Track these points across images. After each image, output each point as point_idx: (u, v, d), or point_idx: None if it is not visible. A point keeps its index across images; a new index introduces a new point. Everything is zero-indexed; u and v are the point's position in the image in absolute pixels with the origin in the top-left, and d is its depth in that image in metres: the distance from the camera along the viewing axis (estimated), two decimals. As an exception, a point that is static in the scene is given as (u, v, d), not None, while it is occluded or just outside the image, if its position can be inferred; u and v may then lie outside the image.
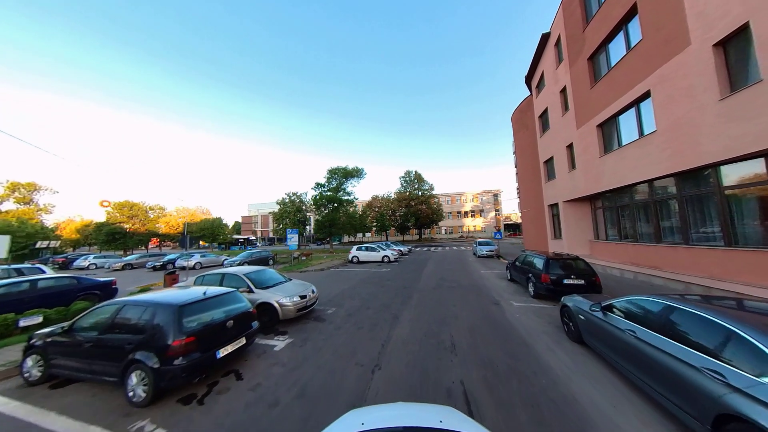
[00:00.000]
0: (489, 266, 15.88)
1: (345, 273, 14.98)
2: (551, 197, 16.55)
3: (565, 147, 14.23)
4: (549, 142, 16.39)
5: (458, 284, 10.81)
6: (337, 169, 35.04)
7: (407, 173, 56.40)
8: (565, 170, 14.40)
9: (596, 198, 13.04)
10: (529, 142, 20.99)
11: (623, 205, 10.82)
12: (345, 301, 8.81)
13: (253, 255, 19.93)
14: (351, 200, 35.01)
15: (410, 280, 11.98)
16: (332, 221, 32.00)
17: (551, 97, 15.56)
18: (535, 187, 20.24)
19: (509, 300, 8.26)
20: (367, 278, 13.01)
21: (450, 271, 14.46)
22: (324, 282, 12.38)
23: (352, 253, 20.01)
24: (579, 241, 14.20)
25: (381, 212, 50.03)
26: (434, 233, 63.78)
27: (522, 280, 9.45)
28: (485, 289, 9.90)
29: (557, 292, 7.54)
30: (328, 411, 3.31)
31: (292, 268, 16.86)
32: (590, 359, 4.42)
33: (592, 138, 11.70)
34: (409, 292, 9.64)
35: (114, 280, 9.31)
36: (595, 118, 11.45)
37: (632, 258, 10.09)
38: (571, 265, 7.87)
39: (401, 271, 14.84)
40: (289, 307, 6.36)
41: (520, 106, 22.25)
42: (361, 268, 16.70)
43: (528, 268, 8.99)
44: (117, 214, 37.25)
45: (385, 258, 19.11)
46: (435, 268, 15.55)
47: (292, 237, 17.55)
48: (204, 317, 4.02)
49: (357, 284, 11.54)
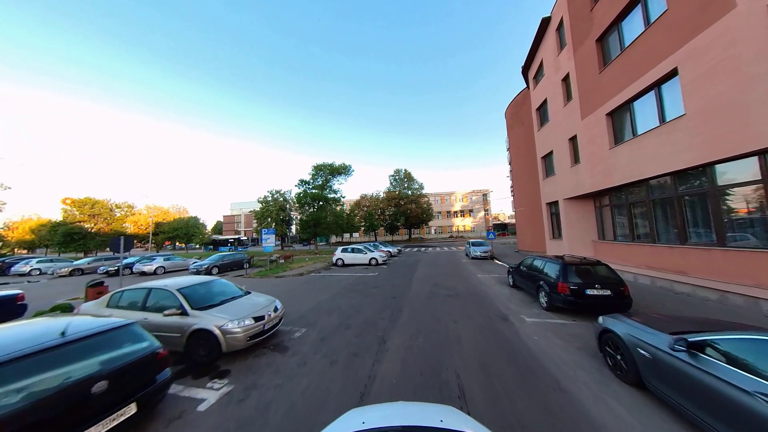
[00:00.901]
0: (485, 269, 14.62)
1: (326, 279, 13.28)
2: (550, 195, 15.51)
3: (567, 140, 13.15)
4: (548, 135, 15.34)
5: (455, 292, 9.38)
6: (323, 166, 33.15)
7: (397, 172, 55.10)
8: (567, 165, 13.33)
9: (601, 195, 11.99)
10: (524, 137, 20.00)
11: (637, 201, 9.73)
12: (320, 317, 7.15)
13: (225, 258, 17.83)
14: (338, 199, 33.23)
15: (400, 287, 10.46)
16: (317, 221, 30.08)
17: (551, 87, 14.48)
18: (531, 185, 19.27)
19: (518, 314, 6.88)
20: (351, 285, 11.38)
21: (444, 275, 13.06)
22: (300, 291, 10.65)
23: (337, 255, 18.30)
24: (581, 241, 13.15)
25: (369, 212, 48.37)
26: (424, 233, 62.78)
27: (529, 288, 8.13)
28: (487, 298, 8.51)
29: (578, 305, 6.22)
30: None
31: (267, 273, 14.97)
32: (666, 418, 3.02)
33: (601, 128, 10.59)
34: (399, 304, 8.10)
35: (21, 294, 7.18)
36: (604, 105, 10.33)
37: (648, 261, 9.00)
38: (592, 272, 6.58)
39: (390, 276, 13.30)
40: (236, 335, 4.66)
41: (515, 100, 21.27)
42: (345, 273, 15.04)
43: (537, 274, 7.67)
44: (76, 213, 33.60)
45: (373, 260, 17.53)
46: (427, 272, 14.11)
47: (268, 238, 15.64)
48: (44, 382, 2.29)
49: (338, 293, 9.89)
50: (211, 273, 16.35)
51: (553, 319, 6.40)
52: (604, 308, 6.15)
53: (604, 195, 11.89)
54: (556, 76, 13.83)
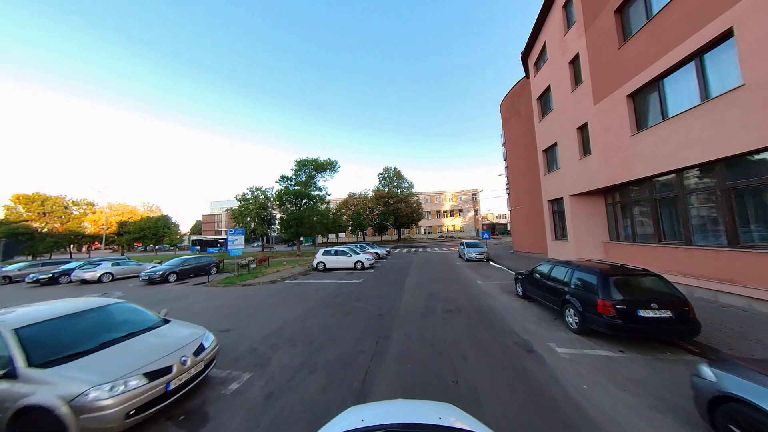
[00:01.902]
0: (484, 273, 13.06)
1: (302, 287, 11.27)
2: (553, 191, 14.16)
3: (576, 129, 11.77)
4: (551, 126, 13.97)
5: (455, 305, 7.67)
6: (306, 161, 30.90)
7: (386, 170, 53.40)
8: (575, 157, 11.96)
9: (614, 190, 10.66)
10: (522, 130, 18.69)
11: (666, 196, 8.37)
12: (278, 350, 5.22)
13: (187, 262, 15.40)
14: (322, 196, 31.04)
15: (388, 299, 8.64)
16: (300, 220, 27.79)
17: (556, 72, 13.10)
18: (529, 181, 17.97)
19: (543, 339, 5.23)
20: (330, 296, 9.46)
21: (439, 281, 11.35)
22: (265, 305, 8.63)
23: (318, 258, 16.27)
24: (589, 242, 11.82)
25: (357, 210, 46.39)
26: (413, 233, 61.40)
27: (548, 301, 6.52)
28: (496, 315, 6.84)
29: (628, 331, 4.62)
30: None
31: (234, 281, 12.77)
32: None
33: (619, 113, 9.19)
34: (387, 325, 6.29)
35: None
36: (624, 86, 8.93)
37: (682, 266, 7.62)
38: (643, 285, 5.02)
39: (377, 283, 11.46)
40: (103, 412, 2.69)
41: (512, 90, 19.96)
42: (326, 279, 13.07)
43: (561, 286, 6.07)
44: (22, 211, 29.53)
45: (358, 264, 15.63)
46: (420, 277, 12.38)
47: (235, 239, 13.43)
48: None
49: (312, 309, 7.95)
50: (167, 280, 13.96)
51: (592, 348, 4.78)
52: (662, 334, 4.61)
53: (617, 190, 10.56)
54: (563, 58, 12.44)
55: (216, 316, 7.59)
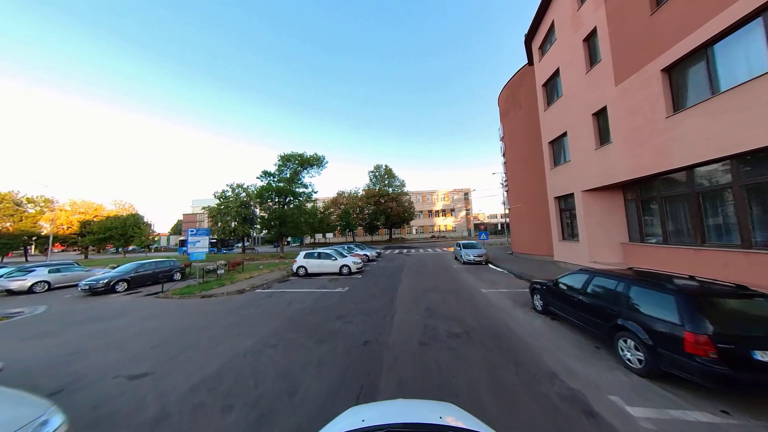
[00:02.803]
0: (486, 279, 11.50)
1: (272, 300, 9.35)
2: (560, 187, 12.77)
3: (591, 115, 10.37)
4: (560, 114, 12.58)
5: (463, 327, 5.98)
6: (291, 156, 28.70)
7: (377, 168, 51.68)
8: (589, 148, 10.56)
9: (637, 184, 9.31)
10: (523, 122, 17.33)
11: (714, 189, 6.97)
12: (198, 424, 3.36)
13: (142, 268, 13.09)
14: (308, 194, 28.93)
15: (377, 318, 6.88)
16: (283, 218, 25.62)
17: (567, 52, 11.70)
18: (531, 177, 16.62)
19: (600, 389, 3.59)
20: (304, 313, 7.60)
21: (437, 290, 9.68)
22: (217, 328, 6.69)
23: (298, 261, 14.31)
24: (605, 243, 10.46)
25: (347, 209, 44.42)
26: (405, 233, 59.90)
27: (588, 323, 4.92)
28: (520, 342, 5.19)
29: (740, 384, 3.04)
30: None
31: (194, 291, 10.69)
32: None
33: (652, 91, 7.78)
34: (374, 364, 4.51)
35: None
36: (659, 59, 7.51)
37: (736, 273, 6.20)
38: (751, 310, 3.47)
39: (364, 293, 9.68)
40: None
41: (512, 81, 18.60)
42: (304, 287, 11.18)
43: (609, 306, 4.47)
44: (-37, 208, 25.96)
45: (344, 268, 13.80)
46: (414, 285, 10.68)
47: (197, 241, 11.37)
48: None
49: (274, 335, 6.07)
50: (114, 290, 11.70)
51: (679, 407, 3.18)
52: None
53: (640, 184, 9.20)
54: (575, 36, 11.03)
55: (141, 347, 5.61)
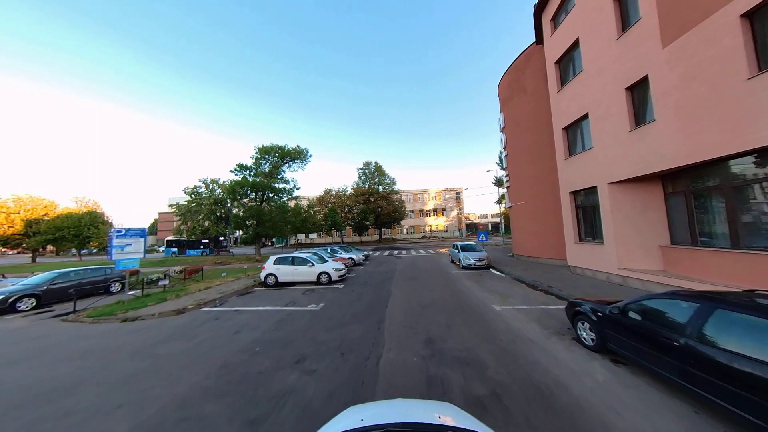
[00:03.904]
0: (492, 288, 9.45)
1: (216, 326, 6.88)
2: (579, 179, 10.89)
3: (624, 89, 8.49)
4: (578, 93, 10.69)
5: (487, 383, 3.79)
6: (270, 148, 26.04)
7: (366, 164, 49.42)
8: (619, 129, 8.69)
9: (686, 173, 7.47)
10: (528, 109, 15.48)
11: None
12: None
13: (61, 278, 10.24)
14: (290, 190, 26.28)
15: (355, 360, 4.61)
16: (259, 217, 22.90)
17: (589, 18, 9.81)
18: (537, 171, 14.79)
19: None
20: (245, 356, 5.20)
21: (438, 308, 7.48)
22: (96, 385, 4.23)
23: (268, 268, 11.82)
24: (638, 245, 8.63)
25: (333, 208, 41.86)
26: (395, 233, 57.83)
27: (714, 393, 2.82)
28: (584, 414, 3.05)
29: None
30: None
31: (116, 310, 8.05)
32: None
33: (723, 47, 5.89)
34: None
35: None
36: (735, 1, 5.63)
37: None
38: None
39: (343, 313, 7.38)
40: None
41: (514, 64, 16.72)
42: (266, 304, 8.75)
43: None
44: None
45: (323, 276, 11.44)
46: (408, 299, 8.47)
47: (126, 245, 8.75)
48: None
49: (176, 409, 3.68)
50: (15, 309, 8.91)
51: None
52: None
53: (688, 173, 7.36)
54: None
55: None
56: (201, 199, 29.85)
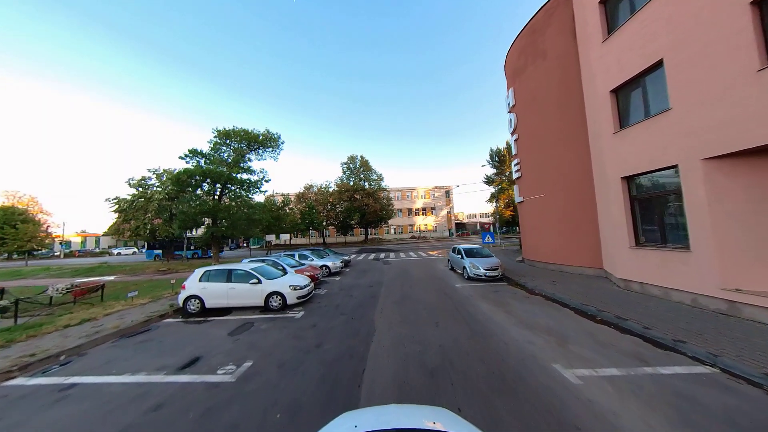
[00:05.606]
0: (531, 322, 6.02)
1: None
2: (641, 157, 7.71)
3: (749, 4, 5.34)
4: (643, 34, 7.48)
5: None
6: (232, 132, 21.72)
7: (351, 158, 45.56)
8: (735, 71, 5.52)
9: None
10: (549, 78, 12.32)
11: None
12: None
13: None
14: (256, 182, 22.03)
15: None
16: (214, 214, 18.61)
17: None
18: (563, 154, 11.70)
19: None
20: None
21: (457, 374, 3.94)
22: None
23: (189, 288, 7.87)
24: (755, 254, 5.53)
25: (310, 204, 37.70)
26: (382, 233, 54.31)
27: None
28: None
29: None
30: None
31: None
32: None
33: None
34: None
35: None
36: None
37: None
38: None
39: (280, 384, 3.68)
40: None
41: (530, 25, 13.54)
42: (151, 364, 4.91)
43: None
44: None
45: (275, 299, 7.66)
46: (400, 349, 4.86)
47: None
48: None
49: None
50: None
51: None
52: None
53: None
54: None
55: None
56: (150, 194, 24.99)
